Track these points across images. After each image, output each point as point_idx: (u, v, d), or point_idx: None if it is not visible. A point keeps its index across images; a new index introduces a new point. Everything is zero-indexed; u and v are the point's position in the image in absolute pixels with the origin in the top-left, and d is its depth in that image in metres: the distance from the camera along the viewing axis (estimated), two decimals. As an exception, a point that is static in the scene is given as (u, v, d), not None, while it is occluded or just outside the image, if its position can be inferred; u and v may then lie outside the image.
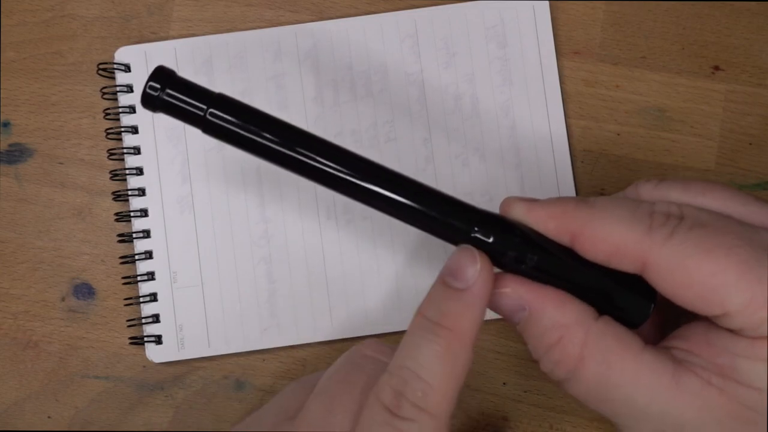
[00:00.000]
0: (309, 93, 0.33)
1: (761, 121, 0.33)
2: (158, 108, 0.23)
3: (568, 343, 0.22)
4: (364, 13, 0.34)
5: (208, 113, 0.23)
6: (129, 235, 0.33)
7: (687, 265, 0.21)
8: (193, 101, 0.23)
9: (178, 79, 0.23)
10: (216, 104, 0.23)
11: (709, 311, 0.21)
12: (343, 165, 0.23)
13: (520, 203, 0.23)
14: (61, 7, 0.34)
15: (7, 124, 0.34)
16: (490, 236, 0.23)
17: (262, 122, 0.23)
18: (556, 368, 0.23)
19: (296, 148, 0.23)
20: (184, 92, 0.23)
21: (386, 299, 0.32)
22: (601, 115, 0.33)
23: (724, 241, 0.21)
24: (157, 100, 0.23)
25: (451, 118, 0.33)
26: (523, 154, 0.33)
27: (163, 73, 0.23)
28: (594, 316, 0.23)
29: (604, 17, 0.34)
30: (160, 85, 0.22)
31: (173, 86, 0.23)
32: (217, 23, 0.34)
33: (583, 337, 0.22)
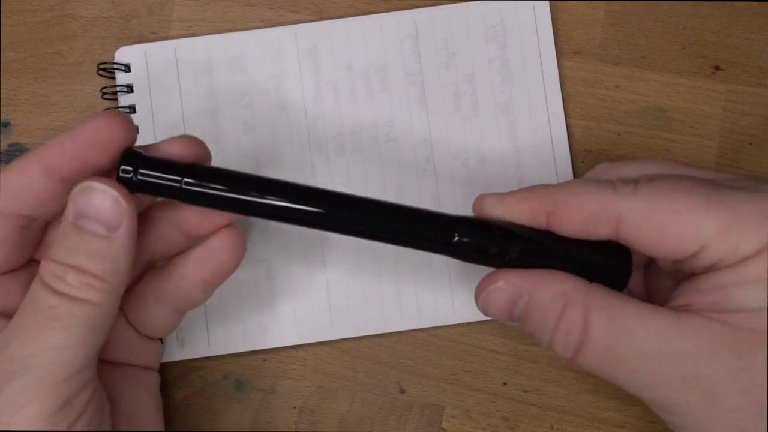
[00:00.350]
0: (309, 93, 0.33)
1: (761, 121, 0.33)
2: (135, 189, 0.24)
3: (573, 308, 0.23)
4: (364, 13, 0.34)
5: (183, 184, 0.24)
6: (129, 235, 0.33)
7: (656, 210, 0.22)
8: (167, 176, 0.24)
9: (148, 158, 0.24)
10: (188, 174, 0.24)
11: (687, 249, 0.22)
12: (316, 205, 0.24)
13: (491, 197, 0.25)
14: (61, 7, 0.34)
15: (7, 124, 0.34)
16: (470, 237, 0.24)
17: (234, 182, 0.24)
18: (568, 338, 0.23)
19: (267, 197, 0.24)
20: (156, 169, 0.24)
21: (386, 299, 0.32)
22: (601, 115, 0.33)
23: (683, 185, 0.22)
24: (132, 183, 0.24)
25: (451, 118, 0.33)
26: (523, 154, 0.33)
27: (132, 156, 0.24)
28: (587, 282, 0.24)
29: (604, 17, 0.34)
30: (132, 168, 0.24)
31: (145, 166, 0.24)
32: (217, 23, 0.34)
33: (584, 298, 0.23)
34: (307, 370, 0.33)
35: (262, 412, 0.32)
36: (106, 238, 0.23)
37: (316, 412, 0.32)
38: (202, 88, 0.33)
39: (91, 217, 0.23)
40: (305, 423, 0.32)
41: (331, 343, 0.33)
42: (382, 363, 0.33)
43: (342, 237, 0.33)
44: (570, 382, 0.32)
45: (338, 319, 0.32)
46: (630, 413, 0.32)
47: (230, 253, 0.26)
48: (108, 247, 0.23)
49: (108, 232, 0.23)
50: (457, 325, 0.32)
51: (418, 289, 0.32)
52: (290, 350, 0.33)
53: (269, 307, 0.32)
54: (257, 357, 0.33)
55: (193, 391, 0.33)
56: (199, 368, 0.33)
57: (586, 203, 0.23)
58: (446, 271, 0.32)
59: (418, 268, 0.33)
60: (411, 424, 0.32)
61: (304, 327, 0.32)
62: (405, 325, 0.32)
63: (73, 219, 0.23)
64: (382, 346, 0.33)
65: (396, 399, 0.32)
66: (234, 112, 0.33)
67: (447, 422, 0.32)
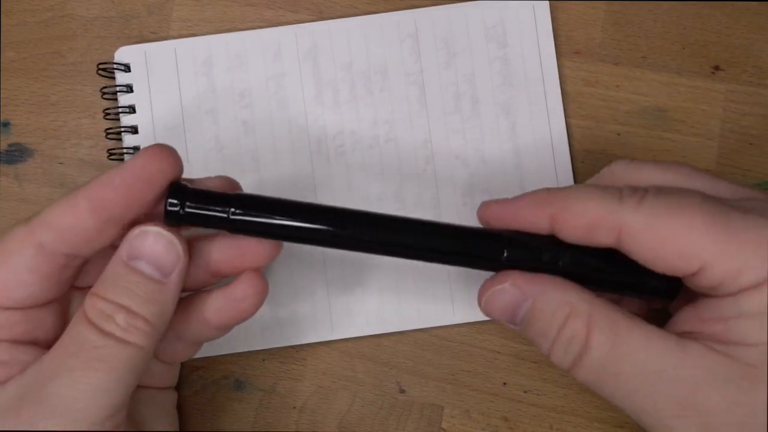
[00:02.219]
0: (309, 93, 0.33)
1: (761, 121, 0.33)
2: (183, 222, 0.24)
3: (576, 318, 0.23)
4: (364, 13, 0.34)
5: (231, 214, 0.24)
6: (129, 235, 0.33)
7: (659, 225, 0.22)
8: (214, 208, 0.24)
9: (195, 191, 0.24)
10: (236, 204, 0.24)
11: (687, 267, 0.22)
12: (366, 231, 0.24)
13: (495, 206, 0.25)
14: (61, 7, 0.34)
15: (6, 124, 0.34)
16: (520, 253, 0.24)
17: (279, 210, 0.24)
18: (569, 347, 0.23)
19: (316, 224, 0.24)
20: (204, 201, 0.24)
21: (386, 299, 0.32)
22: (601, 115, 0.33)
23: (690, 202, 0.22)
24: (179, 216, 0.24)
25: (451, 118, 0.33)
26: (522, 154, 0.33)
27: (179, 189, 0.24)
28: (593, 294, 0.23)
29: (604, 17, 0.34)
30: (179, 201, 0.24)
31: (192, 199, 0.24)
32: (217, 23, 0.34)
33: (589, 309, 0.23)
34: (307, 370, 0.33)
35: (262, 412, 0.32)
36: (159, 283, 0.23)
37: (316, 412, 0.32)
38: (202, 87, 0.33)
39: (146, 259, 0.23)
40: (305, 423, 0.32)
41: (331, 343, 0.33)
42: (382, 363, 0.33)
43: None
44: (570, 382, 0.32)
45: (338, 319, 0.32)
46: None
47: (252, 301, 0.26)
48: (160, 291, 0.23)
49: (161, 277, 0.23)
50: (457, 325, 0.32)
51: (417, 289, 0.32)
52: (290, 350, 0.33)
53: (269, 307, 0.32)
54: (257, 357, 0.33)
55: (194, 391, 0.33)
56: (199, 368, 0.33)
57: (590, 210, 0.23)
58: (446, 271, 0.32)
59: (417, 269, 0.33)
60: (411, 424, 0.32)
61: (304, 327, 0.32)
62: (405, 325, 0.32)
63: (127, 259, 0.23)
64: (382, 346, 0.33)
65: (396, 399, 0.32)
66: (234, 112, 0.33)
67: (447, 422, 0.32)
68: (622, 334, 0.22)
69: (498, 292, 0.24)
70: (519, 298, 0.24)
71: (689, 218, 0.22)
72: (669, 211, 0.22)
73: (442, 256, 0.25)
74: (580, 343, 0.23)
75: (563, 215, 0.23)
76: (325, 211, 0.24)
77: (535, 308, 0.23)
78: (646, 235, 0.22)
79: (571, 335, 0.23)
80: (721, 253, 0.21)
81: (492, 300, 0.24)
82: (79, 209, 0.23)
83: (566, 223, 0.23)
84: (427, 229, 0.25)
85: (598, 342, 0.22)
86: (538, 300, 0.23)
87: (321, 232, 0.24)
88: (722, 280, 0.22)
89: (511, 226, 0.25)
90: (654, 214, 0.22)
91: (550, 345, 0.24)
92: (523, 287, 0.24)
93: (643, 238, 0.22)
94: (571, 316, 0.23)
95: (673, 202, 0.22)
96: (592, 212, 0.23)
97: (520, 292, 0.24)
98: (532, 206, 0.24)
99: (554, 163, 0.33)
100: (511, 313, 0.24)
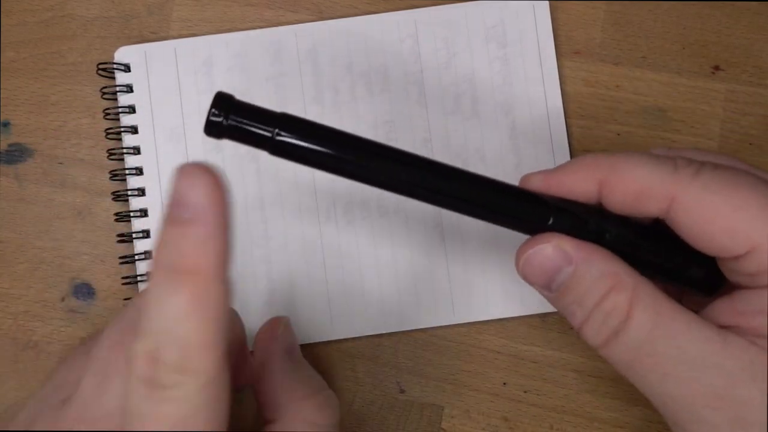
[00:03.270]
0: (309, 93, 0.33)
1: (761, 121, 0.33)
2: (224, 134, 0.22)
3: (621, 290, 0.22)
4: (364, 13, 0.34)
5: (276, 134, 0.22)
6: (129, 235, 0.33)
7: (713, 200, 0.21)
8: (260, 126, 0.22)
9: (241, 103, 0.23)
10: (282, 125, 0.23)
11: (735, 247, 0.21)
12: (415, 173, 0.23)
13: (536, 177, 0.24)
14: (61, 7, 0.34)
15: (6, 124, 0.34)
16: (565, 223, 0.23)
17: (328, 137, 0.23)
18: (607, 321, 0.22)
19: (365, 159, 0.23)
20: (249, 117, 0.22)
21: (386, 299, 0.32)
22: (601, 115, 0.33)
23: (747, 181, 0.21)
24: (222, 127, 0.22)
25: (451, 118, 0.33)
26: (523, 154, 0.33)
27: (224, 99, 0.22)
28: (637, 272, 0.23)
29: (604, 17, 0.34)
30: (224, 111, 0.22)
31: (237, 111, 0.22)
32: (217, 23, 0.34)
33: (634, 284, 0.22)
34: (307, 370, 0.33)
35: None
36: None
37: (316, 412, 0.32)
38: (202, 87, 0.33)
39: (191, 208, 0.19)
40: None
41: (331, 343, 0.33)
42: (382, 363, 0.33)
43: (342, 237, 0.33)
44: (570, 382, 0.32)
45: (338, 319, 0.32)
46: (630, 413, 0.32)
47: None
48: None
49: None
50: (457, 325, 0.32)
51: (417, 289, 0.32)
52: (290, 350, 0.33)
53: (269, 308, 0.32)
54: (257, 357, 0.33)
55: (193, 391, 0.33)
56: (199, 368, 0.33)
57: (643, 175, 0.22)
58: (446, 271, 0.32)
59: (417, 268, 0.33)
60: (411, 424, 0.32)
61: (304, 327, 0.32)
62: (405, 325, 0.32)
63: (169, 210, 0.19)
64: (382, 346, 0.33)
65: (396, 399, 0.32)
66: (234, 112, 0.33)
67: (447, 422, 0.32)
68: (665, 315, 0.22)
69: (540, 253, 0.23)
70: (561, 262, 0.22)
71: (745, 197, 0.21)
72: (726, 187, 0.21)
73: (488, 213, 0.23)
74: (620, 317, 0.22)
75: (613, 180, 0.22)
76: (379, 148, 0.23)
77: (577, 274, 0.22)
78: (699, 208, 0.21)
79: (611, 307, 0.22)
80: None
81: (531, 260, 0.23)
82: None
83: (616, 189, 0.22)
84: (480, 183, 0.23)
85: (639, 319, 0.21)
86: (581, 265, 0.22)
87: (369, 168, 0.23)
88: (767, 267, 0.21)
89: (557, 193, 0.24)
90: (710, 188, 0.21)
91: (586, 316, 0.22)
92: (569, 250, 0.22)
93: (696, 212, 0.21)
94: (615, 288, 0.22)
95: (730, 179, 0.21)
96: (645, 179, 0.22)
97: (563, 255, 0.22)
98: (579, 171, 0.23)
99: (554, 164, 0.33)
100: (549, 276, 0.23)
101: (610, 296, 0.22)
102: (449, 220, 0.33)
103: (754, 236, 0.21)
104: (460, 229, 0.33)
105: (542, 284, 0.23)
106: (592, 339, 0.23)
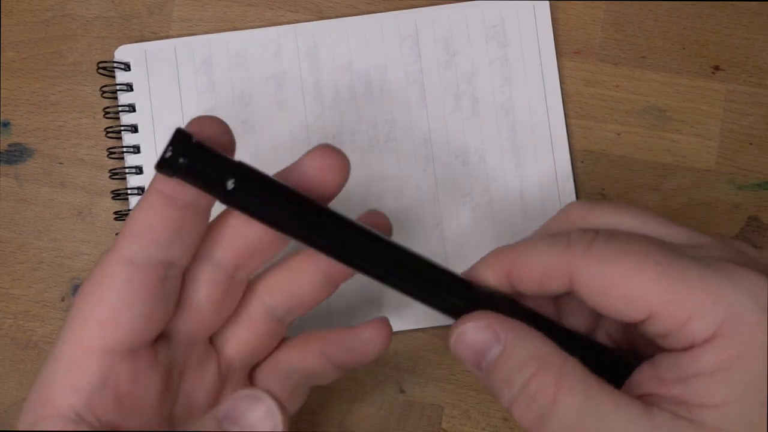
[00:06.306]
0: (309, 93, 0.33)
1: (761, 121, 0.33)
2: (176, 173, 0.22)
3: (547, 373, 0.22)
4: (364, 12, 0.34)
5: (228, 184, 0.22)
6: (129, 235, 0.33)
7: (607, 270, 0.22)
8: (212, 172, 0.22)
9: (198, 145, 0.22)
10: (237, 175, 0.22)
11: (635, 313, 0.21)
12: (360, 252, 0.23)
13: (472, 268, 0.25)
14: (61, 7, 0.34)
15: (7, 124, 0.34)
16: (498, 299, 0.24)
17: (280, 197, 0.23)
18: (533, 403, 0.22)
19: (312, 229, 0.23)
20: (204, 160, 0.22)
21: (386, 299, 0.32)
22: (601, 115, 0.33)
23: (639, 247, 0.22)
24: (176, 165, 0.21)
25: (451, 118, 0.33)
26: (523, 154, 0.33)
27: (182, 137, 0.22)
28: (564, 353, 0.22)
29: (604, 17, 0.34)
30: (180, 150, 0.21)
31: (193, 153, 0.22)
32: (217, 23, 0.34)
33: (560, 365, 0.22)
34: (307, 370, 0.33)
35: (262, 412, 0.32)
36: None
37: (317, 412, 0.32)
38: (202, 87, 0.33)
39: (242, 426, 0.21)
40: (305, 423, 0.32)
41: (331, 343, 0.33)
42: (382, 363, 0.33)
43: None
44: (570, 382, 0.32)
45: (338, 319, 0.32)
46: (630, 413, 0.32)
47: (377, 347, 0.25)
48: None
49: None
50: (457, 325, 0.32)
51: (418, 289, 0.32)
52: (290, 350, 0.33)
53: (269, 307, 0.32)
54: (257, 357, 0.33)
55: (193, 391, 0.33)
56: (198, 368, 0.33)
57: (540, 260, 0.23)
58: (446, 271, 0.32)
59: (418, 268, 0.33)
60: (411, 425, 0.32)
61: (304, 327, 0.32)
62: (405, 325, 0.32)
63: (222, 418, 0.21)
64: (382, 346, 0.33)
65: (396, 399, 0.32)
66: (234, 112, 0.33)
67: (447, 422, 0.32)
68: (593, 396, 0.21)
69: (470, 330, 0.23)
70: (491, 340, 0.23)
71: (638, 263, 0.21)
72: (618, 255, 0.22)
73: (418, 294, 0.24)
74: (546, 400, 0.21)
75: (516, 269, 0.23)
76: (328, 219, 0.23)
77: (505, 354, 0.22)
78: (595, 279, 0.22)
79: (537, 390, 0.22)
80: (669, 301, 0.21)
81: (462, 338, 0.23)
82: (155, 203, 0.22)
83: (521, 276, 0.23)
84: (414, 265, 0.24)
85: (566, 403, 0.21)
86: (509, 345, 0.22)
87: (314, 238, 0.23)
88: (671, 329, 0.21)
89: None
90: (603, 258, 0.22)
91: (514, 397, 0.22)
92: (497, 330, 0.23)
93: (593, 283, 0.22)
94: (541, 369, 0.22)
95: (623, 247, 0.22)
96: (544, 262, 0.23)
97: (493, 334, 0.23)
98: (489, 265, 0.24)
99: (554, 163, 0.33)
100: (480, 355, 0.23)
101: (536, 378, 0.22)
102: (449, 221, 0.33)
103: (651, 301, 0.21)
104: (460, 230, 0.33)
105: (473, 362, 0.23)
106: (521, 420, 0.22)
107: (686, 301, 0.21)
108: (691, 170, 0.33)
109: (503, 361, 0.22)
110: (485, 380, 0.23)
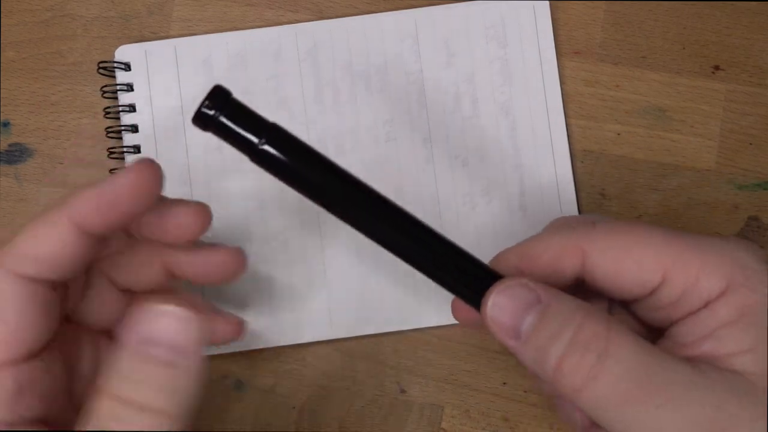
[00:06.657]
0: (309, 93, 0.33)
1: (761, 121, 0.33)
2: (210, 128, 0.22)
3: (597, 321, 0.21)
4: (364, 12, 0.34)
5: (260, 143, 0.22)
6: (129, 235, 0.33)
7: (617, 241, 0.23)
8: (248, 129, 0.22)
9: (236, 102, 0.22)
10: (270, 135, 0.22)
11: (650, 278, 0.22)
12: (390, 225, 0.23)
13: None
14: (61, 7, 0.34)
15: (6, 124, 0.34)
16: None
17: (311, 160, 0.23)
18: (586, 354, 0.21)
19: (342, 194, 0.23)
20: (240, 118, 0.22)
21: (386, 299, 0.32)
22: (601, 115, 0.33)
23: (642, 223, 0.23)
24: (211, 121, 0.22)
25: (451, 118, 0.33)
26: (522, 154, 0.33)
27: (220, 93, 0.22)
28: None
29: (604, 17, 0.34)
30: (217, 106, 0.22)
31: (230, 109, 0.22)
32: (217, 23, 0.34)
33: (606, 316, 0.22)
34: (307, 370, 0.33)
35: (262, 412, 0.32)
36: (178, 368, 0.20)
37: (316, 412, 0.32)
38: (202, 86, 0.33)
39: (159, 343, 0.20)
40: (305, 423, 0.32)
41: (331, 343, 0.33)
42: (382, 363, 0.33)
43: (341, 237, 0.33)
44: (570, 382, 0.32)
45: (338, 319, 0.32)
46: (630, 413, 0.32)
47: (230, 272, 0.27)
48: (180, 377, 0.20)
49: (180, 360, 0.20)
50: (457, 325, 0.32)
51: (418, 289, 0.32)
52: (290, 350, 0.33)
53: (269, 307, 0.32)
54: (257, 357, 0.33)
55: (193, 391, 0.33)
56: (198, 368, 0.33)
57: (551, 244, 0.24)
58: (446, 271, 0.32)
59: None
60: (411, 424, 0.32)
61: (304, 327, 0.32)
62: (405, 325, 0.32)
63: (136, 345, 0.20)
64: (382, 346, 0.33)
65: (396, 399, 0.32)
66: (234, 112, 0.33)
67: (447, 422, 0.32)
68: (643, 344, 0.21)
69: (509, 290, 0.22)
70: (531, 301, 0.22)
71: (647, 232, 0.23)
72: (624, 228, 0.23)
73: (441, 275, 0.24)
74: (599, 345, 0.21)
75: (527, 261, 0.24)
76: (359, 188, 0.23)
77: (551, 310, 0.22)
78: (607, 250, 0.23)
79: (589, 337, 0.21)
80: (680, 260, 0.22)
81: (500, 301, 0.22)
82: (60, 225, 0.22)
83: (535, 264, 0.24)
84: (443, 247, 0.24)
85: (620, 349, 0.21)
86: (553, 303, 0.22)
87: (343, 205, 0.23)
88: (685, 288, 0.22)
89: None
90: (611, 232, 0.23)
91: (563, 353, 0.21)
92: (537, 290, 0.22)
93: (606, 255, 0.23)
94: (589, 317, 0.21)
95: (627, 224, 0.23)
96: (554, 245, 0.24)
97: (533, 294, 0.22)
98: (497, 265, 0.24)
99: (554, 163, 0.33)
100: (517, 318, 0.22)
101: (587, 325, 0.21)
102: (449, 220, 0.33)
103: (664, 262, 0.22)
104: (460, 229, 0.33)
105: (511, 326, 0.22)
106: (571, 378, 0.21)
107: (696, 259, 0.22)
108: (691, 170, 0.33)
109: (549, 318, 0.21)
110: (522, 348, 0.22)
